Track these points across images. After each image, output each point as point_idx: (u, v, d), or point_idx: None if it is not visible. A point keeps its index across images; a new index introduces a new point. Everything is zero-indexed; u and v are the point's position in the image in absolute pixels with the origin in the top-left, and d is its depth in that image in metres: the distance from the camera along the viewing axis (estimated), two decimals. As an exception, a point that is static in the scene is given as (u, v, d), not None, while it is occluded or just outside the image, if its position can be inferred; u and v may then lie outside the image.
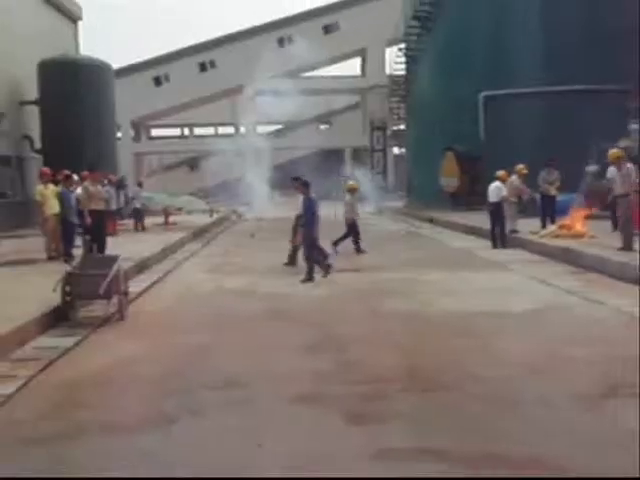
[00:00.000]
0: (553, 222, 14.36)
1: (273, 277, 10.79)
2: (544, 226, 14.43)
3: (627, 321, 6.98)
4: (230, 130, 53.07)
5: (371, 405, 4.69)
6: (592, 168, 18.85)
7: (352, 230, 13.80)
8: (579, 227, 13.13)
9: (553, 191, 14.92)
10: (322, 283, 10.04)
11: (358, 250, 13.63)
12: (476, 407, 4.59)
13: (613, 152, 11.30)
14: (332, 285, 9.85)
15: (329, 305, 8.49)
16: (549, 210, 14.77)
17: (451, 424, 4.28)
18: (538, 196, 15.38)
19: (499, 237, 13.87)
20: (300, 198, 10.86)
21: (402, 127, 36.39)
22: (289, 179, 12.13)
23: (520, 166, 14.63)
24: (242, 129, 46.53)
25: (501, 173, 14.16)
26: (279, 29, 47.03)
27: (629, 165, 10.95)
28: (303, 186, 10.67)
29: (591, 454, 3.80)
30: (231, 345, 6.58)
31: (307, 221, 10.50)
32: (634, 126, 19.00)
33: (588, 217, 13.72)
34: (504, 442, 3.98)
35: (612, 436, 4.05)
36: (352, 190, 14.46)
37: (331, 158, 45.20)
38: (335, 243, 13.38)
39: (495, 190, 13.84)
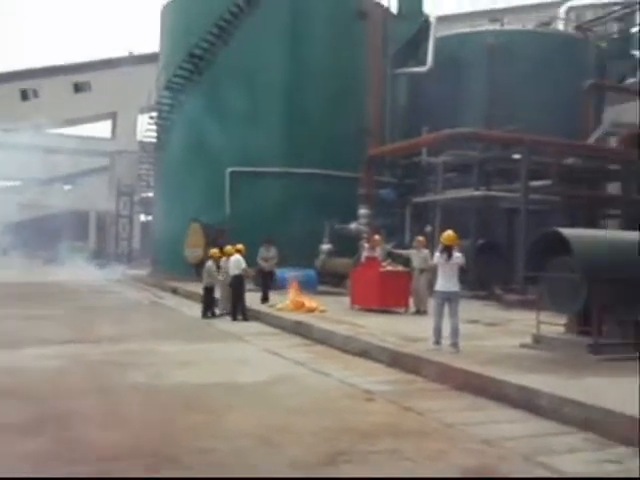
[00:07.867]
0: (266, 295, 15.45)
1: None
2: (266, 299, 15.40)
3: (349, 392, 7.49)
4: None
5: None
6: (326, 247, 20.45)
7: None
8: (310, 302, 14.00)
9: (269, 267, 16.18)
10: (55, 356, 9.36)
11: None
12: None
13: (419, 239, 14.59)
14: (63, 358, 9.22)
15: (56, 379, 7.90)
16: (267, 283, 15.93)
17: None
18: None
19: (240, 309, 14.18)
20: None
21: (151, 194, 35.97)
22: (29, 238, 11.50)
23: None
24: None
25: (240, 246, 14.57)
26: (23, 80, 44.46)
27: (425, 250, 14.09)
28: None
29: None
30: None
31: None
32: (363, 211, 21.11)
33: (301, 291, 14.95)
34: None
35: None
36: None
37: (77, 220, 43.18)
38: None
39: (236, 263, 14.18)
